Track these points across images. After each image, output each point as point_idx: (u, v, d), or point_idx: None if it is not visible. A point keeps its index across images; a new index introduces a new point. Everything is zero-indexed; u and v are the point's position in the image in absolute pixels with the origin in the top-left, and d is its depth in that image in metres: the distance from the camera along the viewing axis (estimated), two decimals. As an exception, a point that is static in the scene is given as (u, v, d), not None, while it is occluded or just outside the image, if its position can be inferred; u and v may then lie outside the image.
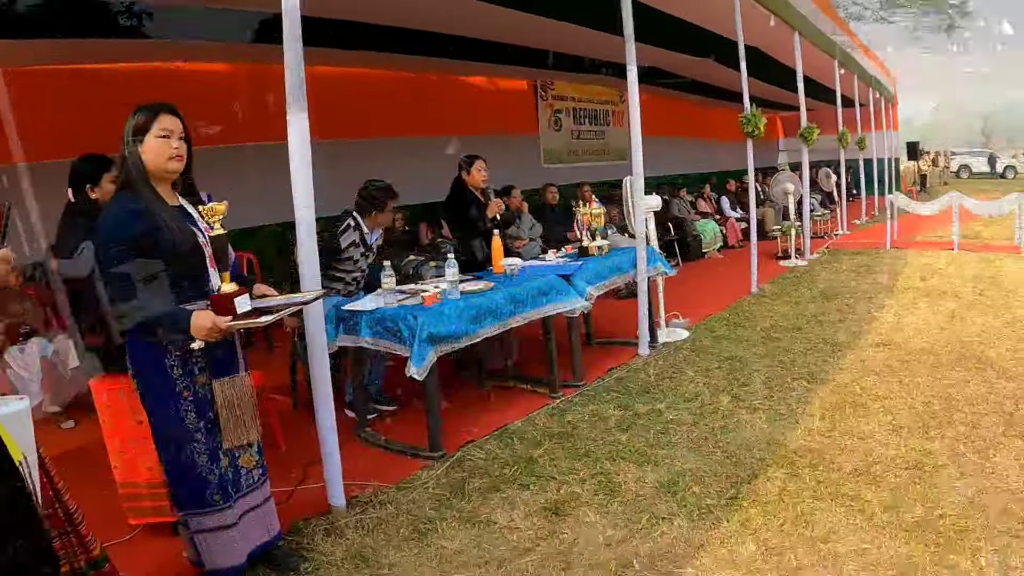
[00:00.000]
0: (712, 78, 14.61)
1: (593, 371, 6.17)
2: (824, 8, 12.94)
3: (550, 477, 4.23)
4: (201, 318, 2.84)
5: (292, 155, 3.70)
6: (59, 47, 7.00)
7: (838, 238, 14.79)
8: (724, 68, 12.76)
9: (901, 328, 7.03)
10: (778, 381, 5.65)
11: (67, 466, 2.66)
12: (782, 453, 4.33)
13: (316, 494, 4.21)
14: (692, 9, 9.14)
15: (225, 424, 3.03)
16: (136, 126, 2.96)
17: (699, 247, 12.70)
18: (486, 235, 6.01)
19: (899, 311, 7.76)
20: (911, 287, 9.07)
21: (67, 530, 2.71)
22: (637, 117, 6.39)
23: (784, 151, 26.34)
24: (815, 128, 11.53)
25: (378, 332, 4.77)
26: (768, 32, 9.78)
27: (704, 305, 8.53)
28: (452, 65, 11.48)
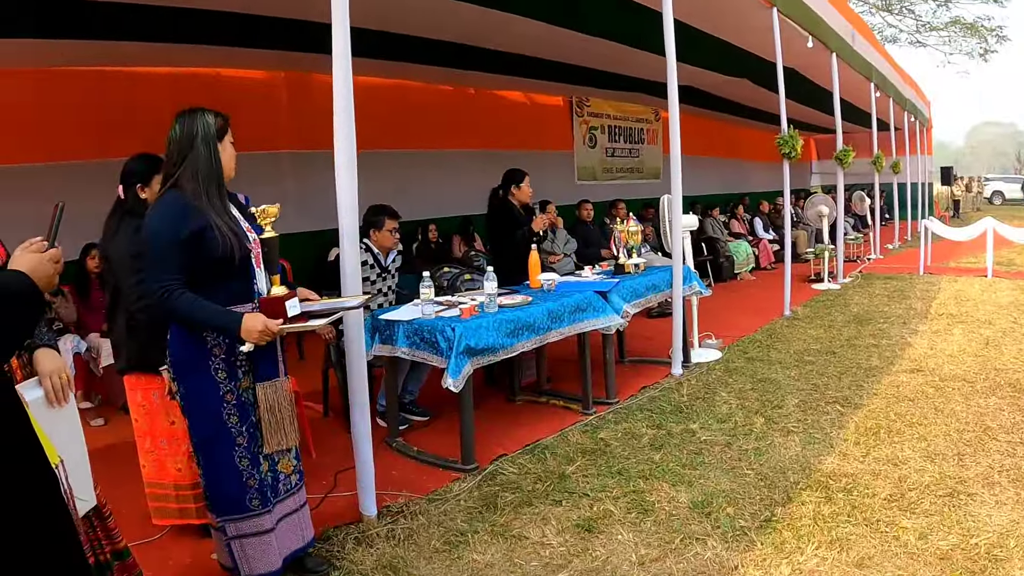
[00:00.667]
0: (747, 98, 14.54)
1: (625, 389, 6.15)
2: (861, 29, 12.88)
3: (583, 494, 4.21)
4: (252, 320, 2.84)
5: (337, 164, 3.73)
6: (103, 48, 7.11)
7: (871, 262, 14.67)
8: (759, 88, 12.73)
9: (935, 354, 6.95)
10: (812, 404, 5.60)
11: (95, 463, 2.66)
12: (816, 477, 4.28)
13: (347, 502, 4.23)
14: (730, 28, 9.11)
15: (267, 428, 3.02)
16: (218, 128, 3.00)
17: (731, 268, 12.64)
18: (526, 250, 6.00)
19: (933, 337, 7.68)
20: (945, 313, 8.97)
21: (94, 524, 2.73)
22: (677, 136, 6.38)
23: (818, 173, 26.22)
24: (851, 151, 11.45)
25: (415, 342, 4.77)
26: (805, 53, 9.72)
27: (737, 326, 8.49)
28: (489, 79, 11.52)
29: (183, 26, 6.77)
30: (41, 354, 2.52)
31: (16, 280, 1.76)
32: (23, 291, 1.75)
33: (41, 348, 2.53)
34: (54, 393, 2.48)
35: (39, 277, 1.80)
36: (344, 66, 3.68)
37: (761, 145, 14.08)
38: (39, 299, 1.82)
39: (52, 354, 2.55)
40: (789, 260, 9.46)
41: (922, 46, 37.28)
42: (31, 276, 1.79)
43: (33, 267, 1.81)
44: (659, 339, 7.71)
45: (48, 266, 1.85)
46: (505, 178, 6.42)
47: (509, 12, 7.53)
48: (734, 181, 20.04)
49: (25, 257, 1.83)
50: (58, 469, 2.11)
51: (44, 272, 1.83)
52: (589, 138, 15.15)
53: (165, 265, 2.81)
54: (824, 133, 20.81)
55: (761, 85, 12.25)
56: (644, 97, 14.49)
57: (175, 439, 3.70)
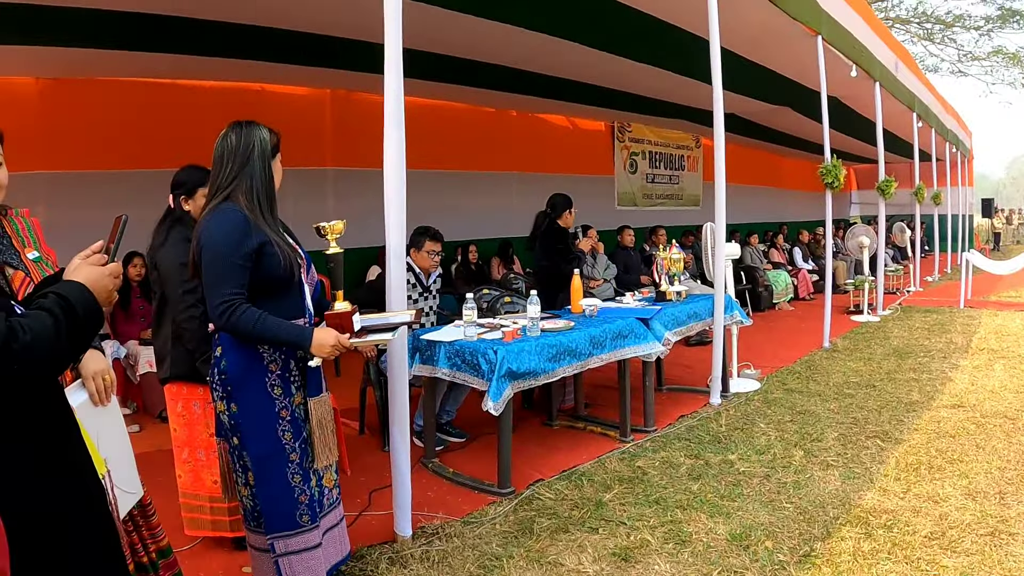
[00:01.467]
0: (789, 127, 14.48)
1: (664, 417, 6.09)
2: (904, 59, 12.77)
3: (619, 522, 4.16)
4: (324, 335, 2.83)
5: (387, 181, 3.75)
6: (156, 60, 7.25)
7: (910, 295, 14.48)
8: (802, 117, 12.66)
9: (976, 390, 6.82)
10: (852, 438, 5.50)
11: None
12: (856, 512, 4.19)
13: (381, 521, 4.21)
14: (775, 56, 9.07)
15: (318, 443, 3.00)
16: (273, 145, 3.00)
17: (770, 298, 12.52)
18: (568, 274, 5.98)
19: (974, 372, 7.54)
20: (986, 348, 8.81)
21: (139, 524, 2.75)
22: (722, 164, 6.34)
23: (857, 204, 26.00)
24: (893, 181, 11.32)
25: (456, 364, 4.76)
26: (848, 82, 9.66)
27: (775, 357, 8.40)
28: (532, 102, 11.56)
29: (234, 41, 6.87)
30: (86, 355, 2.51)
31: (79, 293, 1.73)
32: (85, 305, 1.73)
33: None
34: (98, 394, 2.51)
35: (98, 291, 1.78)
36: (396, 87, 3.71)
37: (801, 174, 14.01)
38: (99, 314, 1.78)
39: (97, 355, 2.57)
40: (829, 291, 9.35)
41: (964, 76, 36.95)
42: (90, 288, 1.76)
43: (93, 280, 1.78)
44: (698, 368, 7.65)
45: (108, 280, 1.82)
46: (557, 204, 6.44)
47: (555, 36, 7.56)
48: (774, 210, 19.94)
49: (85, 269, 1.80)
50: (105, 480, 2.11)
51: (103, 287, 1.80)
52: (630, 164, 15.15)
53: (227, 279, 2.76)
54: (864, 163, 20.69)
55: (804, 114, 12.19)
56: (685, 124, 14.47)
57: (213, 451, 3.70)
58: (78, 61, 6.96)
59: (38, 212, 7.03)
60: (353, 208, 8.43)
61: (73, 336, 1.68)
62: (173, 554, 2.92)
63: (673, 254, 6.60)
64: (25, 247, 2.58)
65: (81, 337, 1.72)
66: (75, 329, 1.68)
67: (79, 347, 1.75)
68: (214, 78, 8.47)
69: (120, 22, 6.01)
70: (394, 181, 3.75)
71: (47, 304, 1.67)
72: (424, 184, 10.78)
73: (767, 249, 14.43)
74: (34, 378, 1.65)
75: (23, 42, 6.25)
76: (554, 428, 6.02)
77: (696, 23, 6.42)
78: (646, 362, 5.75)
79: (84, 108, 7.71)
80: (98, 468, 2.02)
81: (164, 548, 2.85)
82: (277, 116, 8.88)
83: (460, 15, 6.65)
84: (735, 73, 8.58)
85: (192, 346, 3.63)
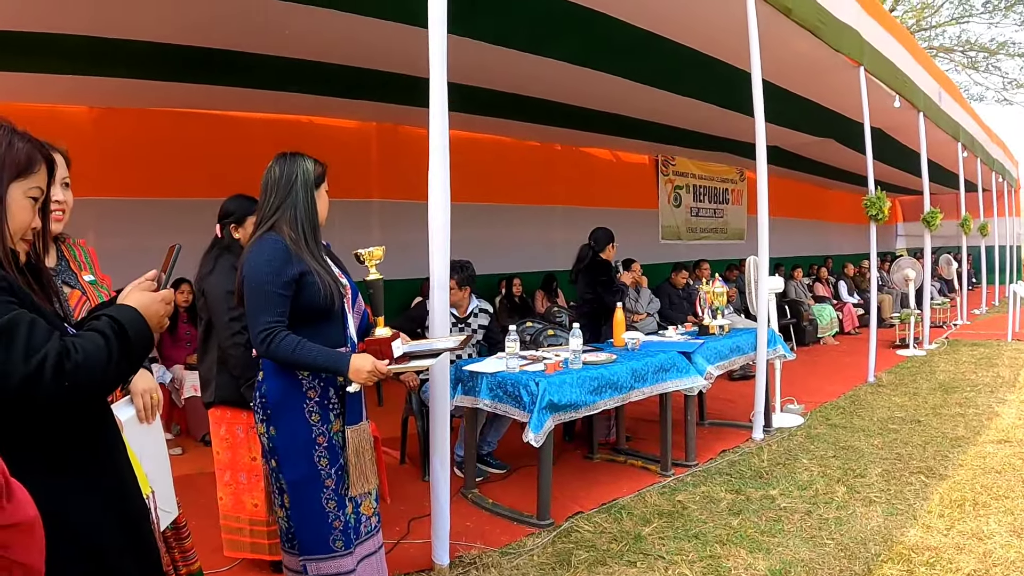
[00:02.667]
0: (833, 159, 14.38)
1: (705, 451, 6.03)
2: (948, 88, 12.64)
3: (658, 556, 4.12)
4: (361, 361, 2.86)
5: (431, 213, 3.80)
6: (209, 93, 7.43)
7: (957, 328, 14.20)
8: (845, 149, 12.57)
9: (1023, 424, 6.69)
10: (895, 474, 5.40)
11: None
12: (898, 549, 4.11)
13: (420, 550, 4.22)
14: (817, 88, 9.03)
15: (353, 471, 3.03)
16: (317, 175, 3.06)
17: (815, 332, 12.37)
18: (612, 307, 5.99)
19: (1021, 407, 7.36)
20: (1034, 382, 8.63)
21: (171, 545, 2.79)
22: (765, 197, 6.32)
23: (903, 236, 25.67)
24: (939, 213, 11.18)
25: (498, 395, 4.78)
26: (892, 112, 9.57)
27: (819, 392, 8.29)
28: (576, 135, 11.62)
29: (283, 75, 7.02)
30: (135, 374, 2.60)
31: (131, 317, 1.79)
32: (137, 329, 1.78)
33: None
34: (145, 411, 2.59)
35: (150, 316, 1.83)
36: (441, 122, 3.77)
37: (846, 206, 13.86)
38: (149, 338, 1.84)
39: (145, 374, 2.64)
40: (875, 325, 9.22)
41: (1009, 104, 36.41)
42: (142, 313, 1.82)
43: (145, 306, 1.84)
44: (740, 402, 7.59)
45: (160, 307, 1.88)
46: (599, 238, 6.46)
47: (598, 70, 7.61)
48: (819, 243, 19.76)
49: (137, 295, 1.87)
50: (149, 500, 2.15)
51: (155, 312, 1.86)
52: (674, 197, 15.13)
53: (268, 308, 2.83)
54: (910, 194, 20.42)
55: (848, 145, 12.11)
56: (729, 156, 14.44)
57: (254, 475, 3.77)
58: (131, 91, 7.16)
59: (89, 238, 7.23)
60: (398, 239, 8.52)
61: (124, 358, 1.73)
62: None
63: (716, 288, 6.58)
64: (82, 270, 2.68)
65: (131, 359, 1.77)
66: (126, 351, 1.73)
67: (129, 369, 1.79)
68: (263, 110, 8.65)
69: (173, 55, 6.18)
70: (439, 213, 3.80)
71: (100, 326, 1.73)
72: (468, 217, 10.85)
73: (812, 283, 14.29)
74: (84, 397, 1.68)
75: (79, 72, 6.44)
76: (595, 461, 5.99)
77: (737, 56, 6.45)
78: (688, 396, 5.72)
79: (136, 137, 7.91)
80: (143, 488, 2.07)
81: (195, 572, 2.89)
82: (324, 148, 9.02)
83: (505, 50, 6.74)
84: (778, 105, 8.57)
85: (237, 372, 3.70)
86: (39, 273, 1.86)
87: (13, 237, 1.72)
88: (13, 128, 1.76)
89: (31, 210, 1.77)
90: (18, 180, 1.72)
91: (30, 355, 1.55)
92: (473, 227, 10.88)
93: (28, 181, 1.74)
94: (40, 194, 1.79)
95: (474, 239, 10.66)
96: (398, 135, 9.72)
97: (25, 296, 1.67)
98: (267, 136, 8.46)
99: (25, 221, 1.75)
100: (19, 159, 1.72)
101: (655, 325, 8.74)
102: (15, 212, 1.72)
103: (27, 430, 1.66)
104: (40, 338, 1.58)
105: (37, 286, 1.81)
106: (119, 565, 1.81)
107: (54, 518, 1.63)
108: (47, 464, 1.69)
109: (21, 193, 1.73)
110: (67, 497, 1.71)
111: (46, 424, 1.69)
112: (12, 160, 1.71)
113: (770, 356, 6.59)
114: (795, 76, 8.32)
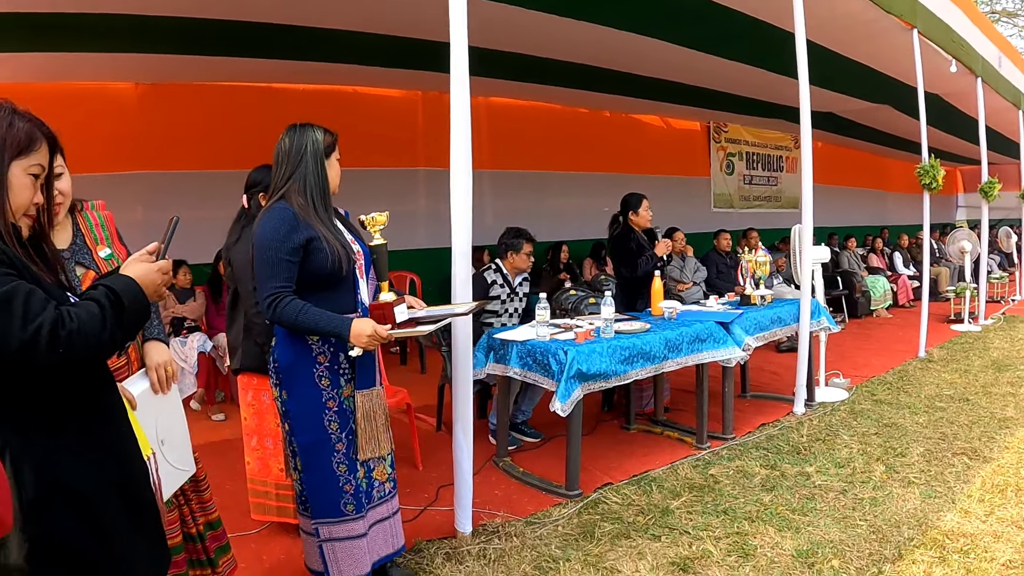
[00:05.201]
0: (890, 126, 13.92)
1: (743, 425, 5.94)
2: (1009, 53, 12.14)
3: (684, 531, 4.07)
4: (361, 324, 2.88)
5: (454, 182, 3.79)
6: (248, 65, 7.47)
7: (1016, 304, 13.71)
8: (903, 116, 12.17)
9: (1078, 407, 6.43)
10: (938, 455, 5.24)
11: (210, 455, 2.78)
12: (933, 534, 3.97)
13: (444, 517, 4.24)
14: (869, 51, 8.72)
15: (362, 436, 3.07)
16: (326, 144, 3.10)
17: (867, 304, 12.07)
18: (649, 276, 5.90)
19: (1077, 388, 7.11)
20: (1093, 362, 8.32)
21: (189, 497, 2.89)
22: (809, 162, 6.13)
23: (963, 207, 24.94)
24: (997, 183, 10.78)
25: (527, 363, 4.76)
26: (948, 78, 9.21)
27: (867, 366, 8.11)
28: (625, 102, 11.46)
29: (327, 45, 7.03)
30: (151, 347, 2.72)
31: (126, 286, 1.86)
32: (132, 297, 1.85)
33: (151, 341, 2.74)
34: (159, 383, 2.66)
35: (146, 285, 1.91)
36: (462, 86, 3.75)
37: (905, 176, 13.40)
38: (145, 306, 1.91)
39: (161, 347, 2.75)
40: (926, 298, 8.94)
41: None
42: (139, 282, 1.89)
43: (142, 275, 1.91)
44: (786, 375, 7.43)
45: (156, 276, 1.95)
46: (622, 204, 6.33)
47: (646, 36, 7.48)
48: (876, 213, 19.27)
49: (134, 265, 1.94)
50: (149, 461, 2.22)
51: (151, 281, 1.93)
52: (726, 164, 14.82)
53: (275, 274, 2.89)
54: (971, 164, 19.81)
55: (904, 112, 11.73)
56: (783, 123, 14.08)
57: (280, 440, 3.81)
58: (176, 67, 7.24)
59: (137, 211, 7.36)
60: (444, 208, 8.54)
61: (118, 325, 1.80)
62: (222, 527, 3.06)
63: (759, 257, 6.45)
64: (98, 244, 2.72)
65: (126, 326, 1.85)
66: (120, 319, 1.81)
67: (125, 336, 1.86)
68: (308, 81, 8.66)
69: (215, 29, 6.21)
70: (462, 180, 3.78)
71: (96, 295, 1.81)
72: (517, 185, 10.86)
73: (866, 254, 13.96)
74: (79, 362, 1.77)
75: (126, 50, 6.53)
76: (631, 432, 5.95)
77: (785, 19, 6.25)
78: (725, 367, 5.63)
79: (182, 112, 8.00)
80: (144, 450, 2.15)
81: (213, 521, 3.01)
82: (370, 118, 9.13)
83: (556, 17, 6.65)
84: (828, 69, 8.35)
85: (261, 340, 3.74)
86: (41, 247, 1.94)
87: (16, 213, 1.81)
88: (14, 108, 1.83)
89: (32, 187, 1.84)
90: (19, 158, 1.80)
91: (27, 323, 1.64)
92: (522, 195, 10.87)
93: (29, 159, 1.82)
94: (41, 171, 1.87)
95: (523, 207, 10.65)
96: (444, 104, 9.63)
97: (24, 268, 1.75)
98: (314, 107, 8.47)
99: (27, 198, 1.83)
100: (19, 138, 1.80)
101: (701, 295, 8.62)
102: (16, 189, 1.80)
103: (26, 392, 1.75)
104: (37, 307, 1.67)
105: (39, 259, 1.89)
106: (115, 524, 1.89)
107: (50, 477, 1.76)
108: (44, 425, 1.78)
109: (22, 171, 1.81)
110: (63, 457, 1.80)
111: (44, 387, 1.77)
112: (13, 139, 1.79)
113: (814, 328, 6.42)
114: (845, 38, 8.05)
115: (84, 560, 1.82)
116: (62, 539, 1.78)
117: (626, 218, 6.24)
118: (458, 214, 3.79)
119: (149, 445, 2.33)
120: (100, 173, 6.89)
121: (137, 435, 2.11)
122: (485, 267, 5.88)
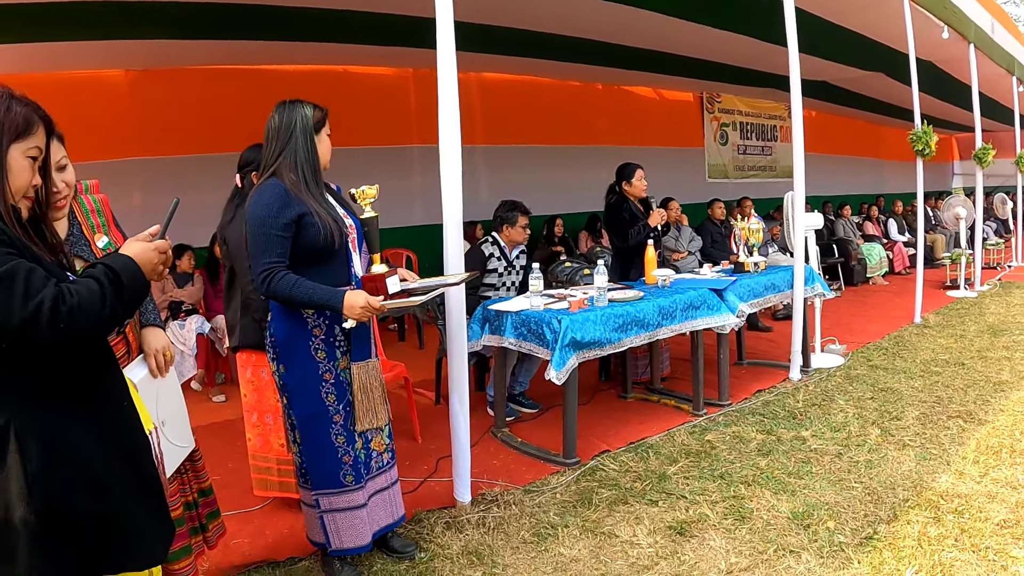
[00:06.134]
0: (883, 94, 13.87)
1: (740, 391, 6.00)
2: (1002, 20, 12.11)
3: (680, 495, 4.13)
4: (355, 296, 2.91)
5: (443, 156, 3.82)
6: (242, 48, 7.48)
7: (1011, 270, 13.68)
8: (896, 83, 12.14)
9: (1072, 370, 6.47)
10: (933, 418, 5.28)
11: (211, 437, 2.83)
12: (927, 496, 4.02)
13: (444, 487, 4.30)
14: (859, 18, 8.69)
15: (359, 407, 3.11)
16: (316, 120, 3.12)
17: (863, 271, 12.11)
18: (642, 246, 5.93)
19: (1071, 352, 7.15)
20: (1088, 327, 8.35)
21: (186, 467, 2.95)
22: (800, 130, 6.16)
23: (960, 174, 24.90)
24: (991, 149, 10.77)
25: (522, 333, 4.80)
26: (941, 44, 9.19)
27: (863, 332, 8.16)
28: (618, 74, 11.44)
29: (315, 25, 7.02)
30: (148, 332, 2.77)
31: (124, 264, 1.91)
32: (130, 276, 1.90)
33: (149, 327, 2.78)
34: (158, 368, 2.71)
35: (144, 263, 1.95)
36: (449, 60, 3.77)
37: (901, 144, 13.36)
38: (144, 285, 1.96)
39: (159, 333, 2.79)
40: (921, 265, 8.99)
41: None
42: (137, 261, 1.94)
43: (140, 254, 1.95)
44: (782, 342, 7.46)
45: (153, 255, 1.99)
46: (617, 173, 6.33)
47: (636, 7, 7.46)
48: (873, 181, 19.23)
49: (133, 244, 1.99)
50: (151, 436, 2.27)
51: (148, 260, 1.97)
52: (720, 135, 14.81)
53: (267, 249, 2.92)
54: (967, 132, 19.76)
55: (898, 80, 11.70)
56: (776, 92, 14.04)
57: (280, 416, 3.85)
58: (164, 52, 7.25)
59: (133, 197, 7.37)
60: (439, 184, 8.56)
61: (118, 302, 1.85)
62: (213, 493, 3.13)
63: (752, 224, 6.48)
64: (95, 232, 2.73)
65: (125, 303, 1.89)
66: (119, 296, 1.86)
67: (124, 312, 1.91)
68: (300, 62, 8.65)
69: (205, 12, 6.22)
70: (451, 155, 3.80)
71: (95, 273, 1.86)
72: (511, 159, 10.86)
73: (861, 221, 13.96)
74: (79, 338, 1.83)
75: (113, 36, 6.52)
76: (628, 401, 6.00)
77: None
78: (720, 334, 5.65)
79: (174, 97, 8.02)
80: (146, 425, 2.21)
81: (205, 488, 3.07)
82: (362, 97, 9.12)
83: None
84: (821, 38, 8.32)
85: (259, 316, 3.77)
86: (40, 228, 1.98)
87: (15, 195, 1.85)
88: (11, 93, 1.87)
89: (31, 169, 1.89)
90: (17, 141, 1.84)
91: (28, 299, 1.69)
92: (515, 169, 10.87)
93: (27, 142, 1.86)
94: (39, 153, 1.91)
95: (517, 181, 10.65)
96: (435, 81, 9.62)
97: (25, 248, 1.80)
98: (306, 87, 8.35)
99: (25, 180, 1.87)
100: (17, 121, 1.84)
101: (697, 264, 8.65)
102: (16, 172, 1.84)
103: (29, 368, 1.80)
104: (37, 284, 1.72)
105: (39, 239, 1.93)
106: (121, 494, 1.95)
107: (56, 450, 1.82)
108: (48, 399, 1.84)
109: (20, 153, 1.85)
110: (68, 430, 1.85)
111: (47, 363, 1.83)
112: (11, 123, 1.83)
113: (808, 294, 6.46)
114: (836, 6, 8.05)
115: (92, 529, 1.88)
116: (69, 509, 1.83)
117: (620, 188, 6.25)
118: (448, 185, 3.81)
119: (151, 421, 2.40)
120: (95, 161, 6.90)
121: (139, 411, 2.17)
122: (482, 240, 5.93)
